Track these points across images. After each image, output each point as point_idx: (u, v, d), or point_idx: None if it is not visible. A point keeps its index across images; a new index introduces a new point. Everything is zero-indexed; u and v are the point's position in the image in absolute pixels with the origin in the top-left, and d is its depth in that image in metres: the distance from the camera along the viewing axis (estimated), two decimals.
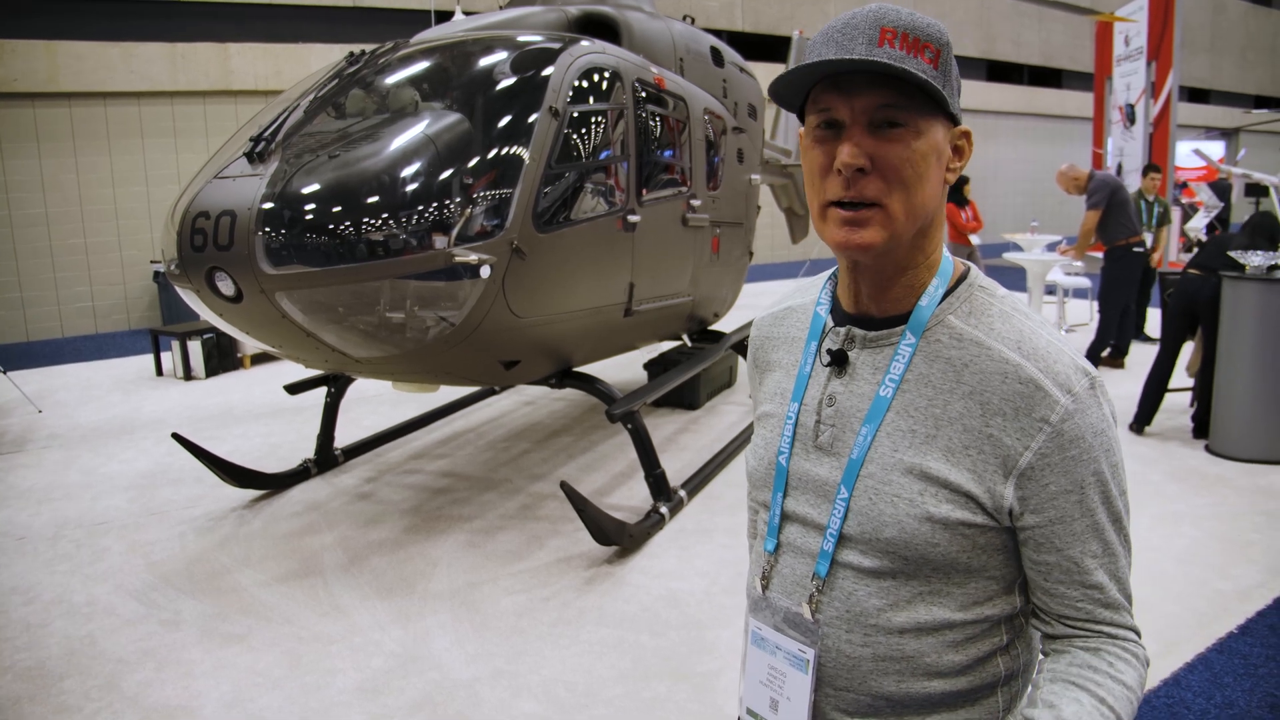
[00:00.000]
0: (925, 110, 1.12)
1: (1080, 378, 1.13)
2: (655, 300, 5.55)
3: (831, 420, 1.23)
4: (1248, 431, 5.86)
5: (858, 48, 1.09)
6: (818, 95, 1.14)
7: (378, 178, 3.92)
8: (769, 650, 1.28)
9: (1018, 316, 1.19)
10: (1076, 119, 23.94)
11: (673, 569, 4.43)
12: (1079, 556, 1.14)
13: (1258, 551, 4.51)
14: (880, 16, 1.10)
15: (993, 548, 1.17)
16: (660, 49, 5.95)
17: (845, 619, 1.20)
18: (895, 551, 1.16)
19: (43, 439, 7.14)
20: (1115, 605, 1.16)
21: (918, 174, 1.12)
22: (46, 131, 12.16)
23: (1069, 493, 1.12)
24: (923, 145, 1.12)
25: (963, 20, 23.18)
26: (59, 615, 4.11)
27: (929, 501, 1.14)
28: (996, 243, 15.27)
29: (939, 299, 1.19)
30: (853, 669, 1.20)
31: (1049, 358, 1.13)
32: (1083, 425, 1.12)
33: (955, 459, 1.13)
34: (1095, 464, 1.12)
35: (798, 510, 1.26)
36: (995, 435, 1.12)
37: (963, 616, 1.18)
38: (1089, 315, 11.20)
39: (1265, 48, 31.09)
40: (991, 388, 1.13)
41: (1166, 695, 3.30)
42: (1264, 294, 5.69)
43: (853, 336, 1.24)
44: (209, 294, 3.95)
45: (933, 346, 1.18)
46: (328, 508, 5.37)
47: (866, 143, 1.10)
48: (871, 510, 1.17)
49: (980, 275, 1.26)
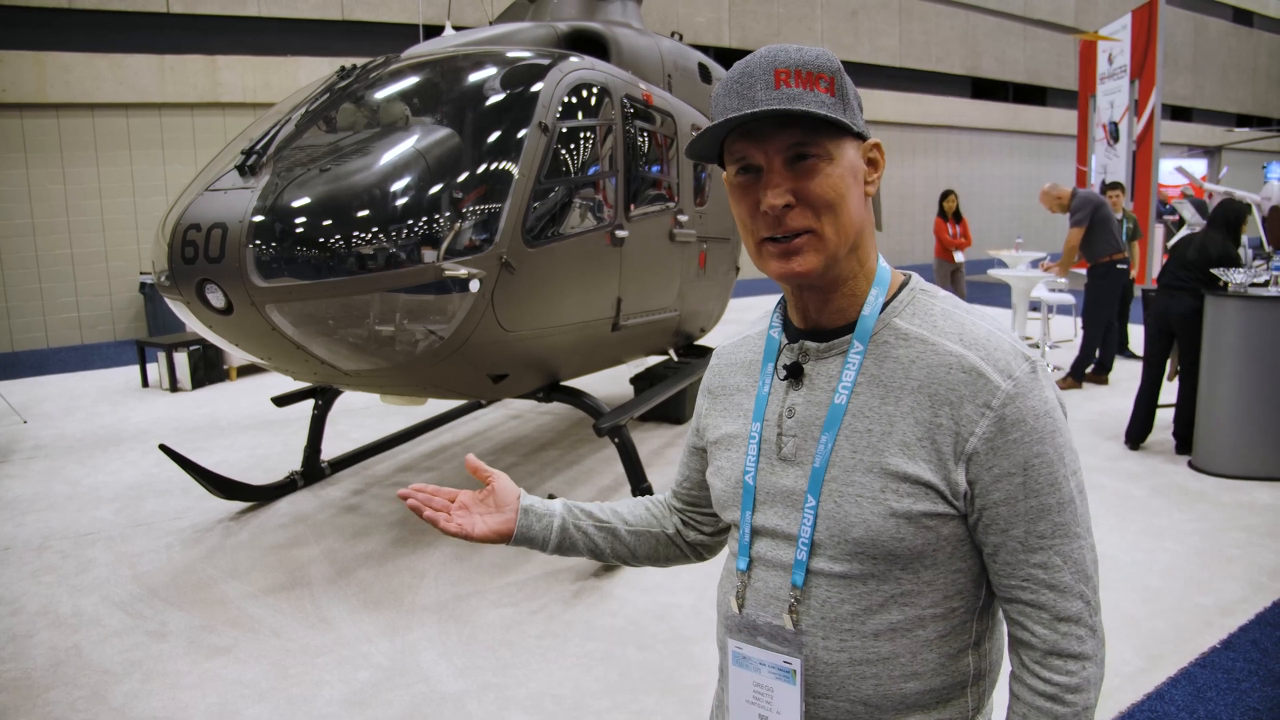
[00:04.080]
0: (833, 136, 1.18)
1: (1020, 363, 1.17)
2: (642, 315, 5.58)
3: (793, 431, 1.27)
4: (1230, 448, 5.91)
5: (758, 94, 1.15)
6: (731, 145, 1.21)
7: (369, 192, 3.94)
8: (753, 668, 1.29)
9: (958, 313, 1.24)
10: (1061, 136, 24.13)
11: (659, 583, 4.44)
12: (1024, 536, 1.17)
13: (1240, 567, 4.55)
14: (772, 60, 1.17)
15: (956, 538, 1.20)
16: (649, 65, 6.00)
17: (822, 626, 1.23)
18: (864, 552, 1.19)
19: (28, 449, 7.10)
20: (1063, 588, 1.18)
21: (840, 195, 1.18)
22: (34, 142, 12.13)
23: (1012, 475, 1.15)
24: (838, 169, 1.18)
25: (948, 37, 23.38)
26: (45, 626, 4.10)
27: (891, 497, 1.17)
28: (981, 259, 15.37)
29: (881, 306, 1.25)
30: (831, 675, 1.23)
31: (989, 346, 1.18)
32: (1024, 409, 1.15)
33: (911, 452, 1.17)
34: (1039, 445, 1.16)
35: (767, 524, 1.28)
36: (944, 424, 1.16)
37: (933, 612, 1.21)
38: (1073, 331, 11.28)
39: (1246, 67, 31.43)
40: (938, 379, 1.17)
41: (1150, 709, 3.33)
42: (1245, 311, 5.75)
43: (805, 350, 1.28)
44: (199, 306, 3.96)
45: (881, 349, 1.23)
46: (315, 520, 5.36)
47: (786, 181, 1.17)
48: (838, 513, 1.20)
49: (921, 280, 1.31)
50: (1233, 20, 31.00)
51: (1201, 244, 6.22)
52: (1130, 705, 3.35)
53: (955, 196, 11.06)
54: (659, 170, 5.66)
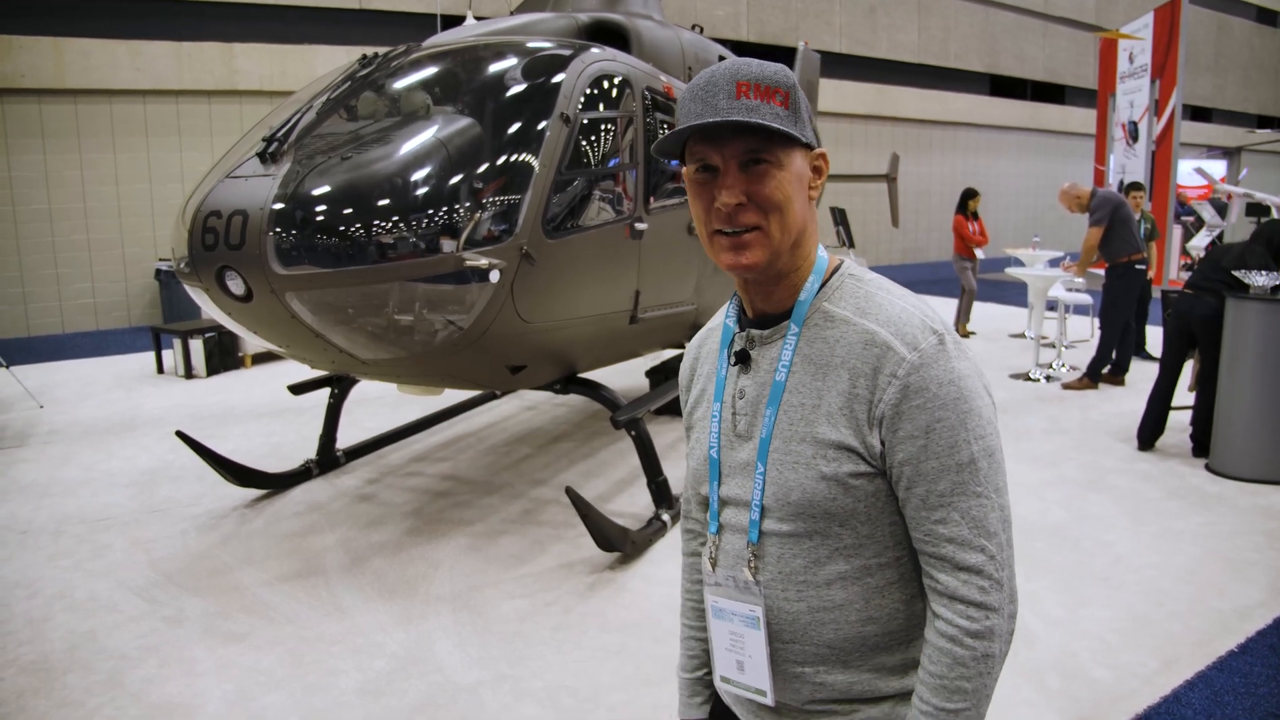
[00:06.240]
0: (784, 145, 1.32)
1: (927, 335, 1.30)
2: (660, 308, 5.56)
3: (744, 410, 1.42)
4: (1248, 451, 5.87)
5: (720, 102, 1.29)
6: (693, 146, 1.35)
7: (390, 180, 3.93)
8: (726, 618, 1.45)
9: (880, 294, 1.37)
10: (1079, 135, 23.98)
11: (675, 576, 4.43)
12: (925, 495, 1.29)
13: (1258, 571, 4.52)
14: (735, 72, 1.30)
15: (883, 494, 1.33)
16: (669, 57, 5.97)
17: (780, 579, 1.38)
18: (804, 512, 1.34)
19: (44, 434, 7.14)
20: (960, 540, 1.28)
21: (786, 197, 1.32)
22: (52, 128, 12.17)
23: (915, 437, 1.28)
24: (786, 174, 1.32)
25: (967, 34, 23.25)
26: (61, 610, 4.12)
27: (820, 462, 1.32)
28: (998, 257, 15.31)
29: (815, 291, 1.39)
30: (794, 622, 1.38)
31: (899, 322, 1.31)
32: (927, 377, 1.28)
33: (835, 420, 1.32)
34: (940, 411, 1.27)
35: (730, 494, 1.44)
36: (860, 393, 1.30)
37: (878, 561, 1.36)
38: (1090, 332, 11.22)
39: (1269, 67, 31.19)
40: (855, 355, 1.32)
41: (1167, 712, 3.31)
42: (1266, 314, 5.71)
43: (752, 337, 1.44)
44: (219, 293, 3.97)
45: (812, 330, 1.37)
46: (329, 508, 5.37)
47: (740, 182, 1.31)
48: (780, 479, 1.35)
49: (853, 265, 1.45)
50: (1256, 20, 30.76)
51: (1241, 255, 6.12)
52: (1147, 708, 3.33)
53: (979, 196, 11.09)
54: (678, 163, 5.64)
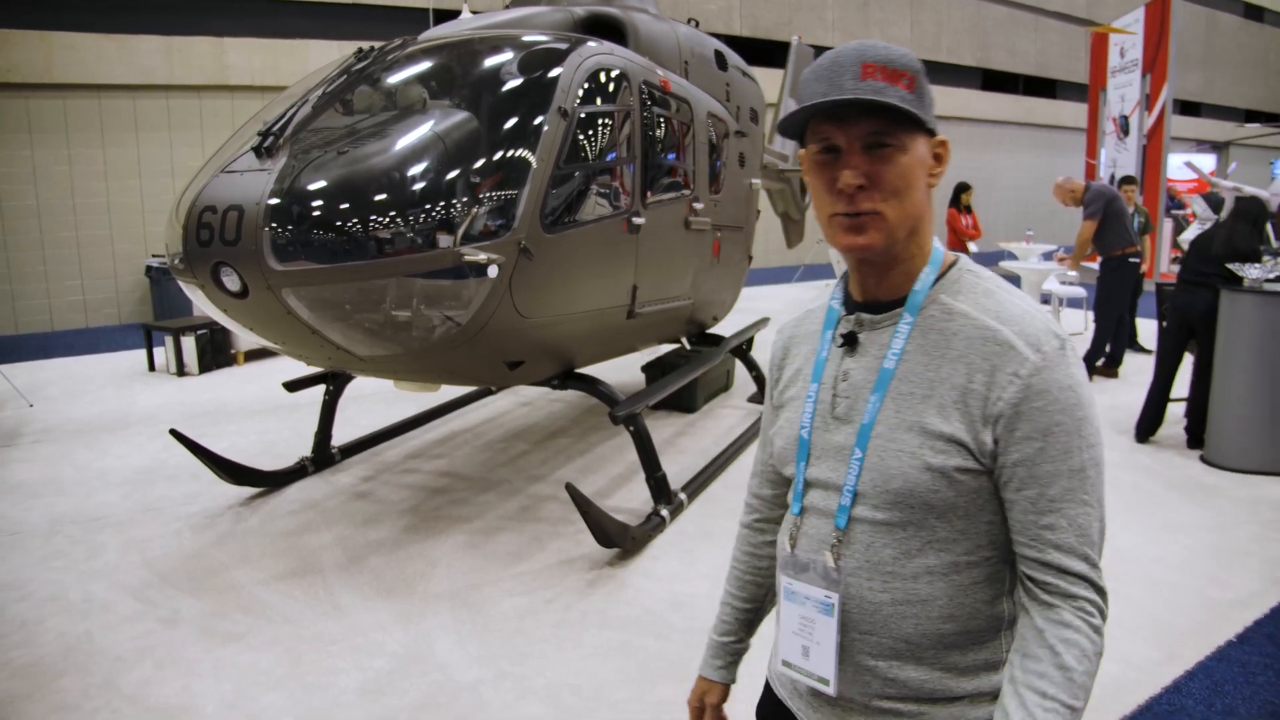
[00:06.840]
0: (908, 129, 1.31)
1: (1050, 339, 1.29)
2: (657, 302, 5.54)
3: (846, 393, 1.41)
4: (1244, 443, 5.88)
5: (846, 83, 1.29)
6: (816, 126, 1.34)
7: (387, 175, 3.90)
8: (799, 602, 1.43)
9: (1000, 292, 1.37)
10: (1071, 129, 24.02)
11: (675, 572, 4.42)
12: (1035, 497, 1.28)
13: (1255, 561, 4.53)
14: (862, 53, 1.30)
15: (986, 492, 1.32)
16: (665, 51, 5.94)
17: (865, 568, 1.36)
18: (903, 501, 1.32)
19: (35, 433, 7.08)
20: (1067, 548, 1.28)
21: (907, 184, 1.32)
22: (40, 123, 12.08)
23: (1032, 439, 1.27)
24: (909, 159, 1.32)
25: (958, 29, 23.26)
26: (55, 612, 4.08)
27: (927, 453, 1.30)
28: (992, 251, 15.33)
29: (931, 283, 1.38)
30: (874, 613, 1.36)
31: (1023, 322, 1.31)
32: (1049, 380, 1.27)
33: (947, 413, 1.30)
34: (1059, 415, 1.27)
35: (819, 476, 1.42)
36: (977, 389, 1.29)
37: (968, 559, 1.34)
38: (1084, 325, 11.24)
39: (1257, 62, 31.31)
40: (974, 350, 1.31)
41: (1168, 702, 3.31)
42: (1261, 306, 5.72)
43: (860, 321, 1.43)
44: (213, 289, 3.92)
45: (927, 321, 1.36)
46: (325, 506, 5.34)
47: (862, 164, 1.30)
48: (881, 466, 1.34)
49: (968, 261, 1.44)
50: (1244, 16, 30.88)
51: (1228, 237, 6.13)
52: (1149, 698, 3.33)
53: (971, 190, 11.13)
54: (675, 157, 5.61)
